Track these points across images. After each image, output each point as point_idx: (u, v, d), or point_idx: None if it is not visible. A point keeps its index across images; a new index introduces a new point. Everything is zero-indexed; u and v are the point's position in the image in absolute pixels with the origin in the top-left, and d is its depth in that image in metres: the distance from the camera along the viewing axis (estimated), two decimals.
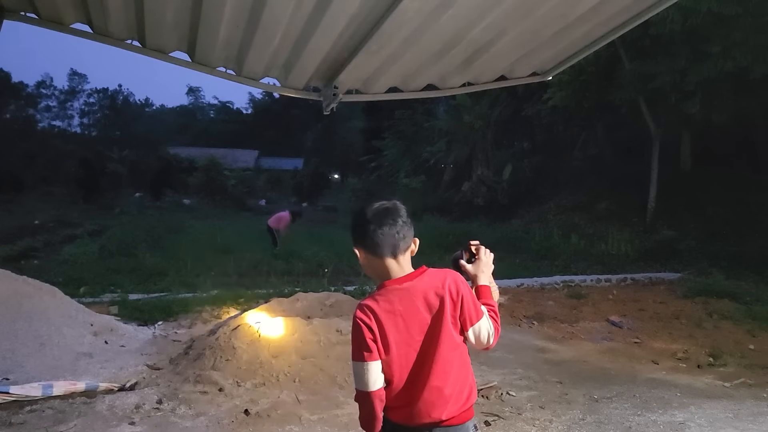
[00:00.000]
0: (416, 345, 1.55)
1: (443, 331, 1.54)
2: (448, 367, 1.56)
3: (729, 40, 10.79)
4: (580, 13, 3.82)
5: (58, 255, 11.21)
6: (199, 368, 4.38)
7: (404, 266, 1.60)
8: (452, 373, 1.57)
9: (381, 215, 1.59)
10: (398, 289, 1.56)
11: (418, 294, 1.55)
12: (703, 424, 3.74)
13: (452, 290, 1.56)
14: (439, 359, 1.55)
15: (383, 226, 1.57)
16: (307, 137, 47.40)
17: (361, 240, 1.60)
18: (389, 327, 1.53)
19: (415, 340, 1.55)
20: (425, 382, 1.55)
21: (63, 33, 4.00)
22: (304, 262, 10.60)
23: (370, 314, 1.55)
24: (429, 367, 1.55)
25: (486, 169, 20.49)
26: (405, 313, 1.55)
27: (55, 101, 52.22)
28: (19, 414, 3.66)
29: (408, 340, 1.54)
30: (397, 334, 1.54)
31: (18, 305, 4.99)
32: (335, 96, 4.65)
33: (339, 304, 5.49)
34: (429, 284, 1.57)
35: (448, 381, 1.56)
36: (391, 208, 1.62)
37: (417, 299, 1.55)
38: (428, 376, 1.55)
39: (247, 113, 58.49)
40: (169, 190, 28.13)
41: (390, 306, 1.55)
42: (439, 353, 1.55)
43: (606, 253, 12.01)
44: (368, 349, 1.53)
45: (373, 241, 1.57)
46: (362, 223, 1.59)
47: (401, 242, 1.58)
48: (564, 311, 7.37)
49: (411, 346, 1.55)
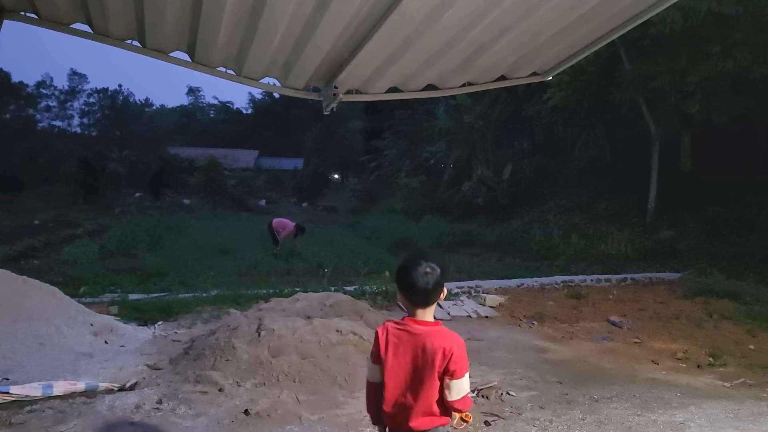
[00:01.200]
0: (405, 371, 2.03)
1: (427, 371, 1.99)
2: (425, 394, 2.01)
3: (729, 40, 10.79)
4: (580, 13, 3.82)
5: (58, 255, 11.21)
6: (199, 368, 4.38)
7: (427, 315, 2.06)
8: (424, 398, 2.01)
9: (422, 276, 2.00)
10: (412, 329, 2.03)
11: (423, 340, 2.00)
12: (703, 424, 3.74)
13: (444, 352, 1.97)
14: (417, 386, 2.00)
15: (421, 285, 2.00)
16: (307, 137, 47.42)
17: (402, 287, 2.06)
18: (391, 347, 2.04)
19: (405, 368, 2.03)
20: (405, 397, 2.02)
21: (63, 33, 4.00)
22: (304, 262, 10.60)
23: (385, 332, 2.07)
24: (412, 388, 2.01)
25: (486, 169, 20.50)
26: (406, 347, 2.03)
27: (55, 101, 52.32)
28: (19, 414, 3.66)
29: (401, 364, 2.03)
30: (394, 357, 2.04)
31: (18, 305, 4.99)
32: (335, 96, 4.64)
33: (339, 304, 5.48)
34: (433, 341, 1.99)
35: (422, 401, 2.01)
36: (430, 272, 2.01)
37: (420, 343, 2.00)
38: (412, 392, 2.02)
39: (247, 113, 58.55)
40: (169, 190, 28.11)
41: (400, 335, 2.04)
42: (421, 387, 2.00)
43: (606, 253, 12.01)
44: (373, 353, 2.10)
45: (411, 292, 2.03)
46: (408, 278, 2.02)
47: (430, 298, 2.03)
48: (564, 311, 7.37)
49: (401, 369, 2.03)
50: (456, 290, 8.16)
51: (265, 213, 24.14)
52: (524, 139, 24.53)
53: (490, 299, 7.62)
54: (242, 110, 60.24)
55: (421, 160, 24.28)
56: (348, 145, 42.46)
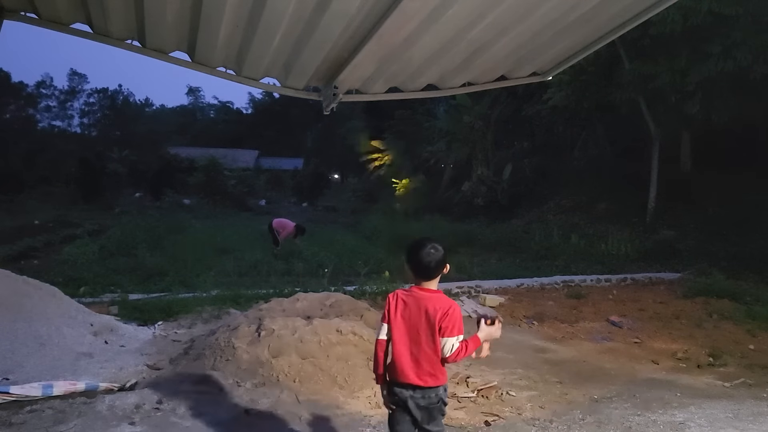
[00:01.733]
0: (409, 329, 2.44)
1: (428, 330, 2.40)
2: (425, 349, 2.41)
3: (729, 40, 10.79)
4: (580, 13, 3.82)
5: (58, 255, 11.21)
6: (199, 368, 4.38)
7: (430, 284, 2.46)
8: (425, 355, 2.41)
9: (427, 254, 2.42)
10: (416, 294, 2.45)
11: (426, 303, 2.42)
12: (703, 424, 3.74)
13: (443, 312, 2.37)
14: (420, 343, 2.41)
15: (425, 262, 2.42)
16: (307, 137, 47.36)
17: (410, 262, 2.47)
18: (399, 309, 2.47)
19: (411, 326, 2.44)
20: (409, 354, 2.42)
21: (63, 33, 4.00)
22: (304, 262, 10.60)
23: (394, 297, 2.51)
24: (415, 347, 2.42)
25: (486, 169, 20.50)
26: (411, 308, 2.45)
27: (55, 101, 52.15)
28: (19, 414, 3.66)
29: (406, 322, 2.45)
30: (402, 317, 2.46)
31: (18, 305, 4.98)
32: (335, 96, 4.65)
33: (339, 304, 5.47)
34: (434, 303, 2.40)
35: (421, 357, 2.41)
36: (434, 252, 2.42)
37: (423, 304, 2.42)
38: (413, 351, 2.42)
39: (247, 113, 58.47)
40: (169, 190, 28.10)
41: (407, 299, 2.47)
42: (421, 341, 2.41)
43: (606, 253, 12.01)
44: (384, 315, 2.52)
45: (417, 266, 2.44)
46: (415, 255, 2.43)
47: (433, 273, 2.45)
48: (564, 311, 7.37)
49: (406, 327, 2.45)
50: (456, 290, 8.15)
51: (265, 213, 24.13)
52: (524, 139, 24.51)
53: (490, 299, 7.62)
54: (242, 110, 60.21)
55: (421, 160, 24.28)
56: (348, 145, 42.43)
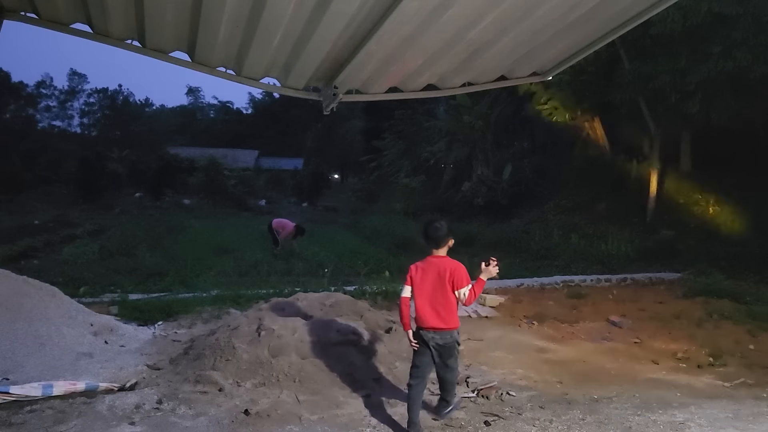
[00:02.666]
0: (428, 286, 3.42)
1: (442, 285, 3.40)
2: (442, 301, 3.40)
3: (729, 40, 10.78)
4: (580, 13, 3.82)
5: (58, 255, 11.21)
6: (199, 368, 4.38)
7: (440, 252, 3.49)
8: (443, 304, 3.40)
9: (434, 229, 3.48)
10: (431, 260, 3.48)
11: (438, 265, 3.44)
12: (703, 424, 3.74)
13: (451, 270, 3.39)
14: (437, 296, 3.41)
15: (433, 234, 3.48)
16: (307, 137, 47.36)
17: (424, 236, 3.52)
18: (419, 274, 3.46)
19: (429, 284, 3.42)
20: (431, 305, 3.41)
21: (63, 33, 4.00)
22: (304, 262, 10.60)
23: (415, 266, 3.50)
24: (433, 299, 3.41)
25: (486, 169, 20.48)
26: (428, 271, 3.44)
27: (55, 101, 52.14)
28: (19, 414, 3.66)
29: (425, 282, 3.43)
30: (421, 279, 3.44)
31: (18, 305, 4.98)
32: (335, 96, 4.65)
33: (339, 304, 5.47)
34: (444, 264, 3.44)
35: (440, 307, 3.40)
36: (439, 227, 3.48)
37: (436, 267, 3.44)
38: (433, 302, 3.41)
39: (247, 113, 58.47)
40: (169, 190, 28.11)
41: (423, 266, 3.48)
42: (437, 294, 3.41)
43: (606, 253, 12.00)
44: (407, 279, 3.49)
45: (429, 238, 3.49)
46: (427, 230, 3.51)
47: (440, 243, 3.47)
48: (564, 311, 7.37)
49: (425, 285, 3.43)
50: None
51: (265, 213, 24.14)
52: (524, 139, 24.48)
53: (490, 299, 7.61)
54: (242, 110, 60.20)
55: (421, 160, 24.26)
56: (348, 145, 42.45)
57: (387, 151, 27.09)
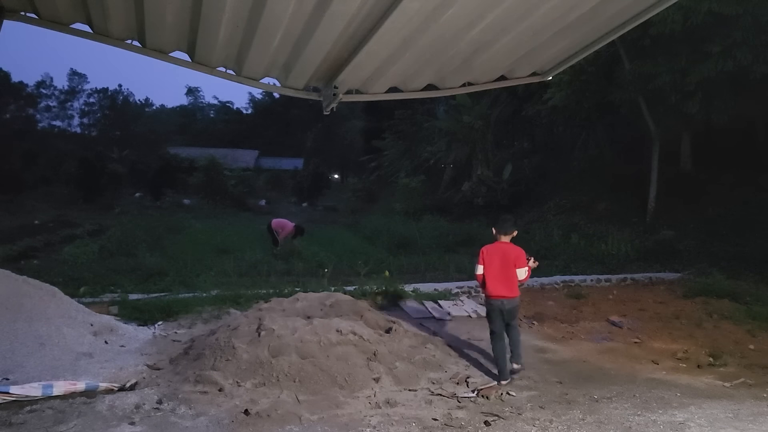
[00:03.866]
0: (497, 266, 4.60)
1: (508, 264, 4.58)
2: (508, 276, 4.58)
3: (729, 40, 10.78)
4: (580, 13, 3.83)
5: (58, 255, 11.20)
6: (199, 368, 4.38)
7: (506, 239, 4.70)
8: (508, 279, 4.58)
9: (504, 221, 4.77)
10: (499, 245, 4.70)
11: (505, 249, 4.66)
12: (703, 424, 3.74)
13: (514, 254, 4.61)
14: (504, 271, 4.59)
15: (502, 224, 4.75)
16: (307, 137, 47.35)
17: (496, 226, 4.75)
18: (489, 255, 4.66)
19: (498, 262, 4.61)
20: (499, 279, 4.60)
21: (63, 33, 4.00)
22: (304, 262, 10.60)
23: (485, 249, 4.70)
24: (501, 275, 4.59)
25: (486, 169, 20.48)
26: (495, 253, 4.66)
27: (55, 101, 52.17)
28: (19, 414, 3.66)
29: (494, 262, 4.62)
30: (491, 260, 4.64)
31: (18, 305, 4.99)
32: (335, 96, 4.65)
33: (339, 304, 5.48)
34: (510, 249, 4.66)
35: (506, 280, 4.58)
36: (509, 219, 4.81)
37: (503, 250, 4.65)
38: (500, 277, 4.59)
39: (247, 113, 58.46)
40: (169, 190, 28.10)
41: (493, 249, 4.69)
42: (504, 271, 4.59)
43: (606, 253, 11.99)
44: (480, 260, 4.69)
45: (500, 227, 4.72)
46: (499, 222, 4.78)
47: (509, 230, 4.71)
48: (564, 311, 7.37)
49: (494, 264, 4.62)
50: (456, 290, 8.16)
51: (265, 213, 24.13)
52: (524, 139, 24.49)
53: None
54: (242, 110, 60.18)
55: (421, 160, 24.26)
56: (348, 145, 42.45)
57: (387, 151, 27.09)
